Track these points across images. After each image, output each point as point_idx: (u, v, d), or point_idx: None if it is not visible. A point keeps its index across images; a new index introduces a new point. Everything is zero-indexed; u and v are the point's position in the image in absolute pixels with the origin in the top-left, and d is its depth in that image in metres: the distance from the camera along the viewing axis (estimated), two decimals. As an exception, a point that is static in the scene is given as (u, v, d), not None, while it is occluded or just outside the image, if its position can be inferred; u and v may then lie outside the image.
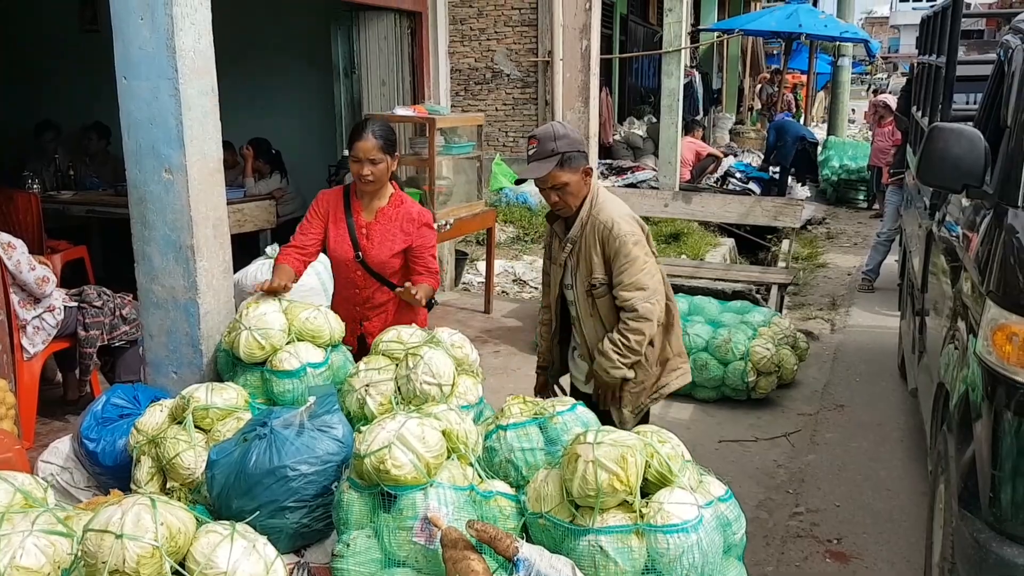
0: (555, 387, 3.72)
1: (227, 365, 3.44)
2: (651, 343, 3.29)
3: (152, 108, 3.24)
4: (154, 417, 3.00)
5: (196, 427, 2.91)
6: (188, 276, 3.40)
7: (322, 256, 4.41)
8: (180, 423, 2.93)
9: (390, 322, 3.72)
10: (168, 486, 2.84)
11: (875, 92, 15.28)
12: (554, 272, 3.42)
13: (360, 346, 3.77)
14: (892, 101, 10.46)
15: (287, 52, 8.24)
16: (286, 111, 8.38)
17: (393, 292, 3.70)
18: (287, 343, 3.32)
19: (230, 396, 3.01)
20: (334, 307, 3.76)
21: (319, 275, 4.29)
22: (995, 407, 2.57)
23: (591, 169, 3.24)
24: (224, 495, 2.47)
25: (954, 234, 3.69)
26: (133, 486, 2.89)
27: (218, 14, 3.40)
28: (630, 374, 3.25)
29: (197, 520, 1.92)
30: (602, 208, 3.19)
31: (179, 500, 2.46)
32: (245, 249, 5.60)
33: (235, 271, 3.80)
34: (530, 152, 3.18)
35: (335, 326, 3.47)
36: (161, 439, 2.88)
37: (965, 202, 3.58)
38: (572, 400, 2.73)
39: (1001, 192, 2.94)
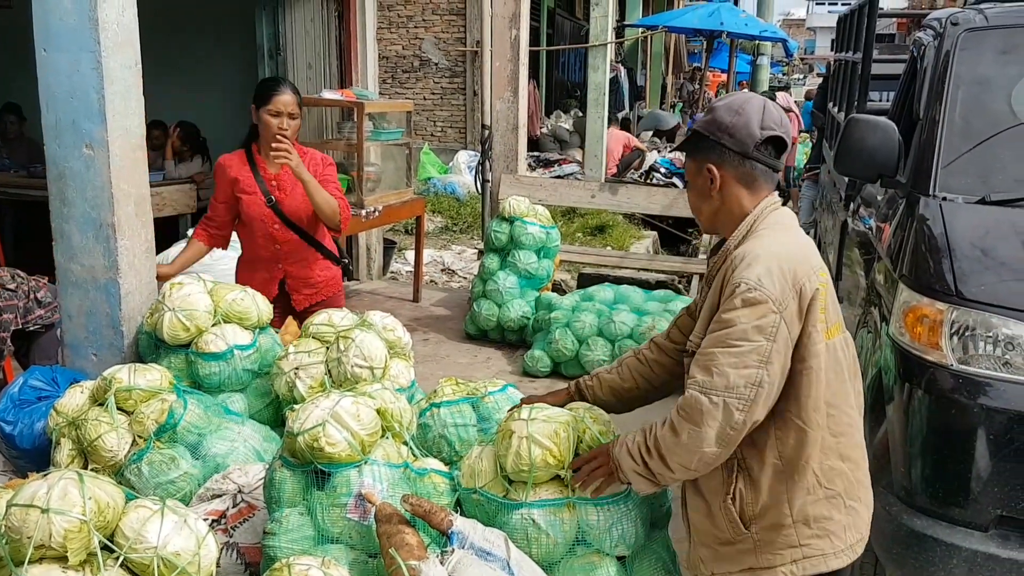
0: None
1: (149, 348, 3.36)
2: (747, 482, 2.02)
3: (73, 81, 3.14)
4: (74, 399, 2.92)
5: (119, 409, 2.83)
6: (109, 255, 3.31)
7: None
8: (102, 405, 2.85)
9: (312, 276, 3.80)
10: (90, 469, 2.76)
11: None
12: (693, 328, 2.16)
13: (285, 306, 3.77)
14: (786, 100, 10.84)
15: (209, 31, 8.06)
16: (208, 92, 8.19)
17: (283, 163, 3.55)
18: (213, 325, 3.26)
19: (154, 377, 2.94)
20: (246, 277, 3.74)
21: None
22: (907, 386, 2.70)
23: (718, 169, 2.05)
24: None
25: (867, 225, 3.85)
26: (53, 469, 2.80)
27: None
28: (642, 485, 2.09)
29: (126, 495, 1.88)
30: (758, 238, 2.01)
31: (102, 481, 2.40)
32: (165, 234, 5.46)
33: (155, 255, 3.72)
34: None
35: (263, 308, 3.42)
36: (82, 421, 2.79)
37: (878, 195, 3.74)
38: (503, 382, 2.76)
39: (914, 182, 3.10)
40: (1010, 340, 2.53)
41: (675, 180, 12.86)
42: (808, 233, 8.62)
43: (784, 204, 2.15)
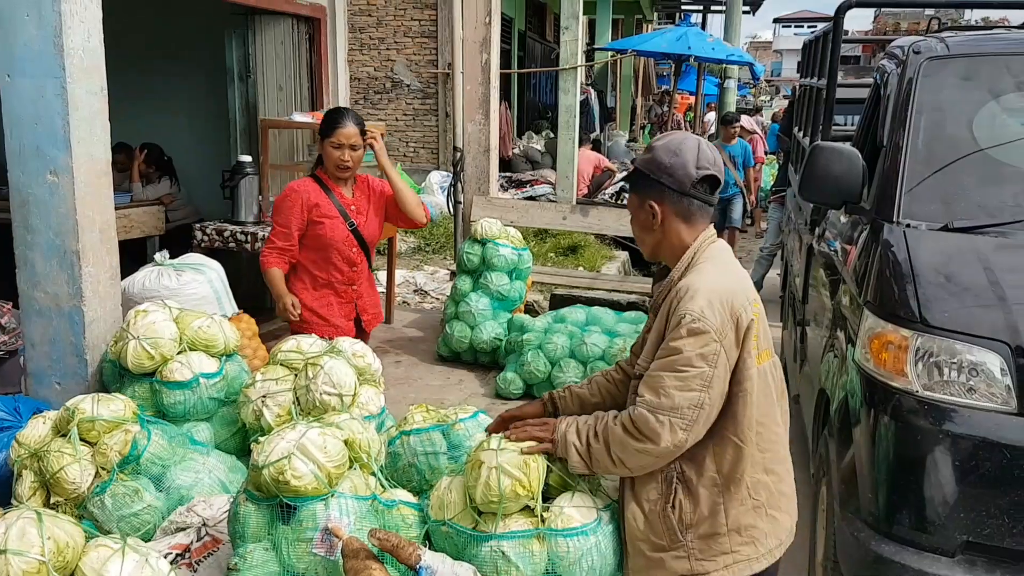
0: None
1: (114, 376, 3.32)
2: (687, 493, 2.16)
3: (37, 107, 3.11)
4: (36, 429, 2.87)
5: (82, 440, 2.79)
6: (73, 282, 3.27)
7: (216, 264, 4.30)
8: (64, 436, 2.80)
9: (375, 297, 4.07)
10: (52, 501, 2.71)
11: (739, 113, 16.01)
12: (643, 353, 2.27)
13: (357, 329, 3.94)
14: (750, 123, 11.06)
15: (178, 54, 8.01)
16: (177, 114, 8.14)
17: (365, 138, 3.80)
18: (178, 352, 3.23)
19: (117, 408, 2.90)
20: (325, 301, 3.83)
21: (211, 283, 4.18)
22: (873, 412, 2.72)
23: (658, 205, 2.20)
24: None
25: (833, 249, 3.89)
26: (14, 502, 2.74)
27: (107, 13, 3.29)
28: (576, 463, 2.20)
29: (86, 534, 1.84)
30: (699, 272, 2.16)
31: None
32: (132, 256, 5.39)
33: (122, 279, 3.67)
34: None
35: (229, 335, 3.39)
36: (44, 452, 2.74)
37: (843, 218, 3.78)
38: (474, 408, 2.75)
39: (878, 208, 3.13)
40: (974, 366, 2.55)
41: (646, 201, 12.97)
42: (776, 254, 8.76)
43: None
